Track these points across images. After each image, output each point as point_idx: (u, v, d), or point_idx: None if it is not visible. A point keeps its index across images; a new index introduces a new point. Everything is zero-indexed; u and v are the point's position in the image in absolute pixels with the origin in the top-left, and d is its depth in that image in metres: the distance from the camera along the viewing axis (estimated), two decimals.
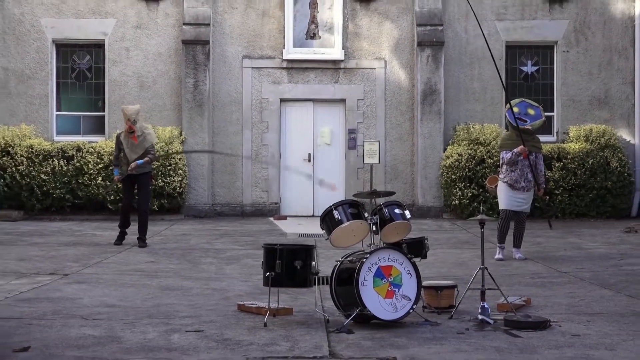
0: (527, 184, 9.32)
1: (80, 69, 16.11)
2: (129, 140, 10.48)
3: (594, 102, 16.07)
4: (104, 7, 15.79)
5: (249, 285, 7.40)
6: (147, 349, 4.80)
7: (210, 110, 15.59)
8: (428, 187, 15.54)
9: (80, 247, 10.40)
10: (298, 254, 5.66)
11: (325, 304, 6.16)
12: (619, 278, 7.88)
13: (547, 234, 12.16)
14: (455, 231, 12.96)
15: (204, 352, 4.71)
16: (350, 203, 5.98)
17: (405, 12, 15.87)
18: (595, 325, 5.56)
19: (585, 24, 16.04)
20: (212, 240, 11.50)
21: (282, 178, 15.93)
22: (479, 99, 16.01)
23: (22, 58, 15.74)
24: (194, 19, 15.62)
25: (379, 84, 15.96)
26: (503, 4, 16.01)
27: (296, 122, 16.02)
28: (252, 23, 15.84)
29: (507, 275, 7.89)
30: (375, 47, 15.97)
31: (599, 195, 14.91)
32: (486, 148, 14.76)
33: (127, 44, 15.81)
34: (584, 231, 12.80)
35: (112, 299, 6.61)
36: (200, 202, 15.52)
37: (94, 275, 7.99)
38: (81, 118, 16.13)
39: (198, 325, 5.50)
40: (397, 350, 4.76)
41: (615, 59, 16.07)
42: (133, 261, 9.18)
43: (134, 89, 15.77)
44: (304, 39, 16.07)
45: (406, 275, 5.53)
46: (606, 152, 14.97)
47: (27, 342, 4.90)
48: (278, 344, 4.96)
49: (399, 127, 15.97)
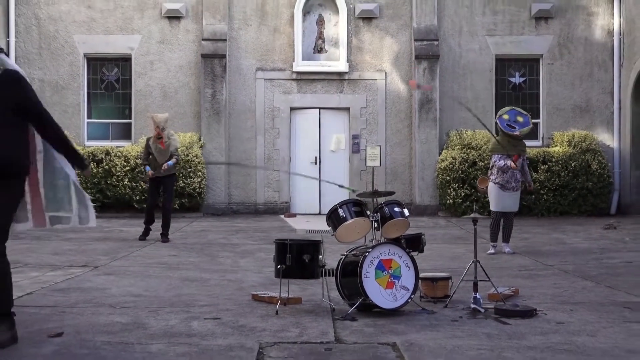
0: (516, 184, 9.35)
1: (109, 80, 16.18)
2: (157, 145, 10.54)
3: (576, 110, 16.06)
4: (131, 25, 15.85)
5: (261, 276, 7.40)
6: (169, 334, 4.82)
7: (226, 118, 15.63)
8: (425, 188, 15.54)
9: (109, 242, 10.44)
10: (306, 249, 5.67)
11: (331, 294, 6.17)
12: (599, 271, 7.87)
13: (534, 230, 12.16)
14: (450, 228, 12.96)
15: (220, 338, 4.72)
16: (354, 202, 5.98)
17: (404, 28, 15.89)
18: (577, 313, 5.56)
19: (569, 39, 16.03)
20: (228, 236, 11.53)
21: (291, 179, 15.95)
22: (471, 107, 15.94)
23: (56, 71, 15.82)
24: (212, 35, 15.67)
25: (380, 94, 15.97)
26: (493, 20, 16.02)
27: (305, 129, 16.04)
28: (264, 38, 15.88)
29: (497, 268, 7.89)
30: (377, 60, 15.99)
31: (581, 195, 14.90)
32: (477, 152, 14.77)
33: (151, 57, 15.87)
34: (567, 228, 12.77)
35: (138, 289, 6.63)
36: (217, 201, 15.55)
37: (122, 268, 8.02)
38: (110, 125, 16.19)
39: (215, 313, 5.52)
40: (396, 336, 4.78)
41: (596, 70, 16.05)
42: (157, 255, 9.21)
43: (157, 99, 15.82)
44: (312, 53, 16.10)
45: (405, 268, 5.54)
46: (587, 156, 14.96)
47: (61, 328, 4.92)
48: (288, 330, 4.97)
49: (399, 133, 15.99)
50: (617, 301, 6.09)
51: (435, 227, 12.84)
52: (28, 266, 7.87)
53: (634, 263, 8.45)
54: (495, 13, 16.03)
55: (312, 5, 16.06)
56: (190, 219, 14.13)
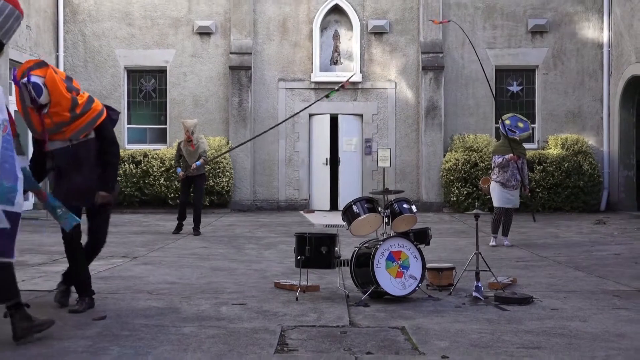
0: (516, 183, 9.29)
1: (146, 90, 16.28)
2: (188, 148, 10.59)
3: (569, 116, 15.94)
4: (166, 40, 15.94)
5: (283, 266, 7.42)
6: (200, 318, 4.84)
7: (251, 123, 15.66)
8: (431, 186, 15.49)
9: (147, 235, 10.50)
10: (324, 241, 5.67)
11: (346, 283, 6.17)
12: (590, 262, 7.81)
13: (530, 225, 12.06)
14: (454, 222, 12.91)
15: (246, 322, 4.73)
16: (367, 199, 5.98)
17: (411, 42, 15.84)
18: (570, 301, 5.52)
19: (562, 51, 15.91)
20: (253, 230, 11.55)
21: (310, 179, 15.97)
22: (473, 113, 15.93)
23: (100, 81, 15.95)
24: (238, 49, 15.71)
25: (390, 102, 15.93)
26: (493, 34, 15.94)
27: (322, 133, 16.03)
28: (285, 52, 15.90)
29: (497, 259, 7.85)
30: (387, 71, 15.95)
31: (573, 193, 14.80)
32: (479, 154, 14.69)
33: (184, 69, 15.94)
34: (561, 223, 12.69)
35: (172, 277, 6.67)
36: (243, 198, 15.60)
37: (158, 258, 8.07)
38: (147, 130, 16.29)
39: (242, 299, 5.53)
40: (405, 321, 4.77)
41: (587, 80, 15.92)
42: (189, 247, 9.25)
43: (189, 106, 15.89)
44: (329, 64, 16.10)
45: (413, 259, 5.52)
46: (579, 157, 14.85)
47: (104, 312, 4.96)
48: (307, 315, 4.97)
49: (407, 137, 15.94)
50: (607, 290, 6.04)
51: (440, 222, 12.79)
52: None
53: (622, 255, 8.37)
54: (494, 28, 15.95)
55: (328, 22, 16.06)
56: (219, 215, 14.17)
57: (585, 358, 3.82)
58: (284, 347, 4.05)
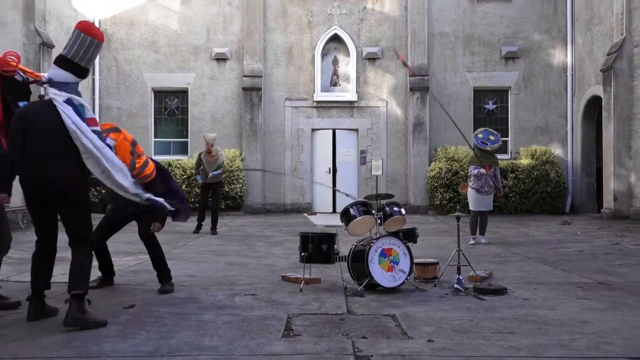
0: (489, 189, 9.29)
1: (170, 108, 16.32)
2: (207, 158, 10.60)
3: (538, 130, 15.96)
4: (188, 65, 16.00)
5: (289, 261, 7.41)
6: (217, 307, 4.83)
7: (261, 137, 15.68)
8: (417, 192, 15.49)
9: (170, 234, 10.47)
10: (324, 240, 5.66)
11: (344, 276, 6.15)
12: (556, 257, 7.80)
13: (504, 226, 12.08)
14: (437, 223, 12.90)
15: (257, 310, 4.72)
16: (362, 203, 5.97)
17: (400, 66, 15.86)
18: (540, 292, 5.50)
19: (531, 74, 15.95)
20: (263, 230, 11.55)
21: (313, 185, 15.98)
22: (454, 128, 15.81)
23: (130, 101, 15.99)
24: (250, 73, 15.75)
25: (382, 118, 15.96)
26: (471, 60, 15.98)
27: (322, 145, 16.05)
28: (291, 75, 15.94)
29: (476, 255, 7.83)
30: (379, 91, 15.98)
31: (542, 197, 14.81)
32: (459, 164, 14.70)
33: (203, 90, 15.99)
34: (531, 223, 12.67)
35: (192, 271, 6.66)
36: (255, 202, 15.60)
37: (180, 254, 8.05)
38: (171, 143, 16.31)
39: (253, 290, 5.51)
40: (395, 309, 4.75)
41: (553, 99, 15.95)
42: (207, 244, 9.25)
43: (208, 123, 15.92)
44: (328, 86, 16.13)
45: (402, 255, 5.51)
46: (547, 167, 14.86)
47: (133, 301, 4.95)
48: (310, 304, 4.96)
49: (397, 149, 15.95)
50: (571, 282, 6.02)
51: (426, 223, 12.78)
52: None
53: (584, 251, 8.35)
54: (473, 54, 15.98)
55: (328, 49, 16.11)
56: (233, 216, 14.18)
57: (553, 342, 3.80)
58: (290, 332, 4.04)
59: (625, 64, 13.10)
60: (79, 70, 4.27)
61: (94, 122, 4.22)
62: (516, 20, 15.91)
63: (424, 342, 3.79)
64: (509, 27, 15.92)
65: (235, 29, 15.95)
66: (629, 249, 8.50)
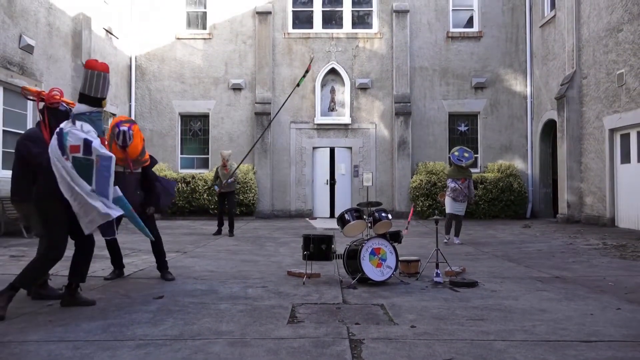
0: (463, 198, 9.27)
1: (194, 130, 16.34)
2: (223, 171, 10.60)
3: (503, 148, 15.97)
4: (209, 94, 16.05)
5: (293, 259, 7.39)
6: (233, 297, 4.81)
7: (271, 154, 15.69)
8: (402, 200, 15.46)
9: (193, 236, 10.47)
10: (323, 240, 5.65)
11: (340, 271, 6.15)
12: (519, 255, 7.77)
13: (475, 228, 12.04)
14: (419, 227, 12.86)
15: (267, 300, 4.70)
16: (355, 209, 5.97)
17: (387, 94, 15.94)
18: (505, 285, 5.48)
19: (497, 101, 16.00)
20: (271, 232, 11.52)
21: (314, 194, 15.97)
22: (432, 146, 15.97)
23: (160, 124, 16.02)
24: (261, 100, 15.79)
25: (372, 138, 15.98)
26: (447, 89, 16.03)
27: (322, 161, 16.06)
28: (296, 102, 15.98)
29: (451, 253, 7.81)
30: (370, 116, 16.02)
31: (506, 205, 14.78)
32: (437, 176, 14.70)
33: (222, 114, 16.02)
34: (498, 227, 12.63)
35: (212, 267, 6.63)
36: (265, 208, 15.57)
37: (202, 253, 8.03)
38: (194, 159, 16.32)
39: (263, 283, 5.49)
40: (383, 299, 4.73)
41: (515, 122, 15.98)
42: (224, 244, 9.21)
43: (226, 142, 15.93)
44: (327, 111, 16.17)
45: (389, 253, 5.50)
46: (510, 179, 14.86)
47: (161, 293, 4.93)
48: (311, 295, 4.94)
49: (384, 164, 15.95)
50: (532, 276, 5.99)
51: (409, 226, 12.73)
52: (142, 252, 7.90)
53: (543, 250, 8.32)
54: (448, 84, 16.04)
55: (327, 80, 16.17)
56: (246, 221, 14.14)
57: (517, 327, 3.78)
58: (294, 319, 4.02)
59: (575, 93, 13.17)
60: (91, 100, 4.26)
61: (75, 149, 4.06)
62: (484, 57, 16.00)
63: (408, 327, 3.77)
64: (478, 62, 16.00)
65: (249, 63, 16.02)
66: (581, 248, 8.47)
